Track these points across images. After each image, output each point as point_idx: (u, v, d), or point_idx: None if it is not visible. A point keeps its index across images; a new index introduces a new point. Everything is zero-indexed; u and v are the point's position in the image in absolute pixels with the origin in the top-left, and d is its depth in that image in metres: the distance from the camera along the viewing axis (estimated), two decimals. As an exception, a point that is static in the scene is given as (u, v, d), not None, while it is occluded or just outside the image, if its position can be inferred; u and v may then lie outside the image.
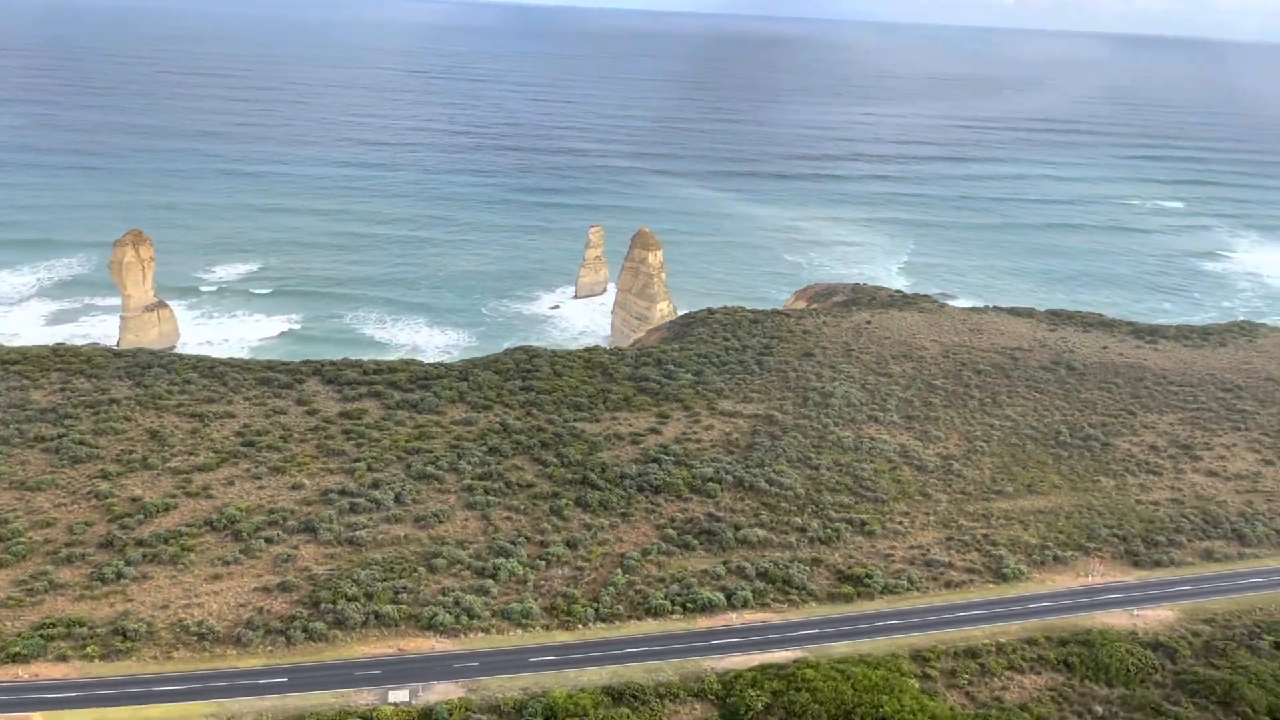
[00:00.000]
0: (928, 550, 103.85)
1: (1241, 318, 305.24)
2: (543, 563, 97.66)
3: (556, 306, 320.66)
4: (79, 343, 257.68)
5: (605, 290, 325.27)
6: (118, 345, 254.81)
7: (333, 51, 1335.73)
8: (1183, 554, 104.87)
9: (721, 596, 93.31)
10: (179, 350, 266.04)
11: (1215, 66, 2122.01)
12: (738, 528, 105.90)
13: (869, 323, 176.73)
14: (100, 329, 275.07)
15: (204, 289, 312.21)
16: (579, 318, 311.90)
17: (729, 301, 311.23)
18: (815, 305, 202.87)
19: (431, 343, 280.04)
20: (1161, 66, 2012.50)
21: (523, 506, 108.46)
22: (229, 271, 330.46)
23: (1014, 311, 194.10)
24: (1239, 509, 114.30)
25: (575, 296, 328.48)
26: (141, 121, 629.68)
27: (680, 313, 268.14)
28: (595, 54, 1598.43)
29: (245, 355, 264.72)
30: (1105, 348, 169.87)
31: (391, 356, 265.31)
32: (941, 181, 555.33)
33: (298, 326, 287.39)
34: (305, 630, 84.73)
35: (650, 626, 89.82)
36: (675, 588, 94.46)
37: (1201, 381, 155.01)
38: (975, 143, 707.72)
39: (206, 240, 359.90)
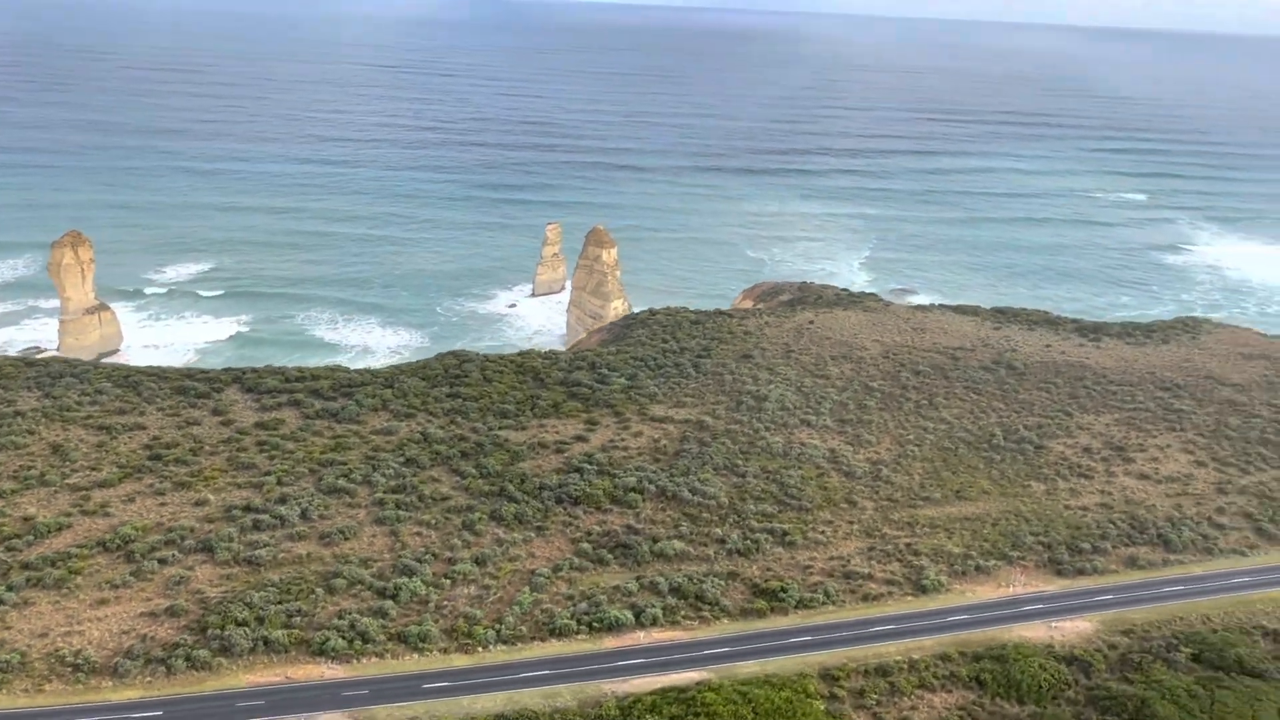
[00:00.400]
0: (848, 561, 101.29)
1: (1199, 312, 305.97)
2: (448, 581, 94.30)
3: (513, 305, 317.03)
4: (20, 347, 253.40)
5: (563, 288, 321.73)
6: (58, 349, 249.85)
7: (303, 46, 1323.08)
8: (1107, 561, 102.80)
9: (630, 615, 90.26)
10: (122, 353, 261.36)
11: (1187, 58, 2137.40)
12: (655, 540, 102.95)
13: (812, 323, 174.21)
14: (44, 333, 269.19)
15: (152, 290, 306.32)
16: (535, 316, 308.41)
17: (689, 299, 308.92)
18: (761, 305, 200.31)
19: (383, 343, 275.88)
20: (1133, 59, 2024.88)
21: (434, 521, 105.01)
22: (179, 272, 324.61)
23: (959, 309, 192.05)
24: (1167, 513, 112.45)
25: (533, 295, 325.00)
26: (101, 118, 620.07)
27: (636, 310, 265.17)
28: (569, 48, 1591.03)
29: (192, 358, 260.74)
30: (1048, 346, 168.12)
31: (342, 358, 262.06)
32: (908, 175, 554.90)
33: (247, 329, 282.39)
34: (188, 659, 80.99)
35: (554, 648, 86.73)
36: (583, 606, 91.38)
37: (1141, 380, 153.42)
38: (943, 136, 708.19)
39: (158, 240, 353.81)
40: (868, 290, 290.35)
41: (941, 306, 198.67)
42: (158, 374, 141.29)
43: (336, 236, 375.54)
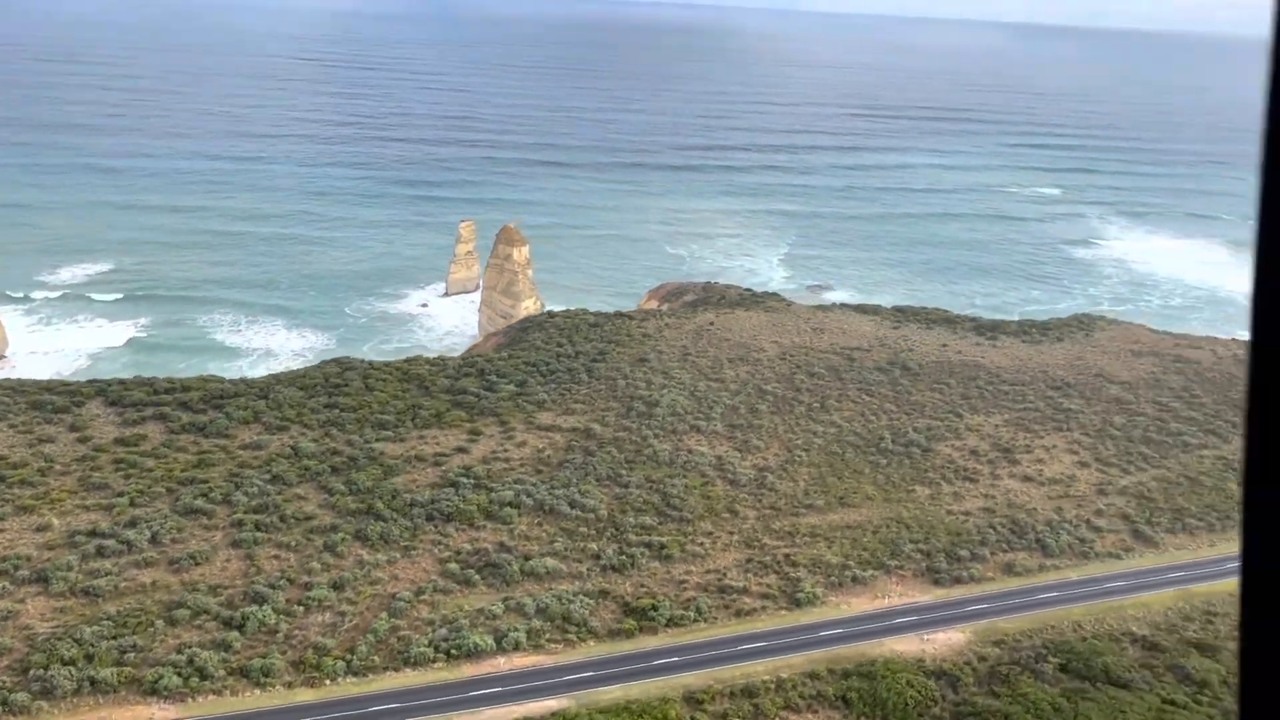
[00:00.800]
0: (724, 575, 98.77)
1: (1105, 305, 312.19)
2: (301, 609, 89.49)
3: (425, 305, 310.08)
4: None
5: (477, 287, 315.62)
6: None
7: (224, 37, 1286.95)
8: (984, 569, 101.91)
9: (491, 640, 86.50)
10: (8, 359, 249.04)
11: (1101, 54, 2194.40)
12: (527, 558, 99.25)
13: (712, 324, 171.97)
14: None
15: (42, 294, 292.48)
16: (448, 316, 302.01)
17: (607, 297, 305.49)
18: (665, 306, 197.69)
19: (287, 346, 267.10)
20: (1053, 55, 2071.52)
21: (295, 543, 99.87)
22: (74, 274, 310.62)
23: (860, 309, 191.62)
24: (1047, 517, 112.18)
25: (446, 294, 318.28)
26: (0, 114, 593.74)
27: (547, 309, 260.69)
28: (497, 41, 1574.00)
29: (84, 364, 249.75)
30: (944, 345, 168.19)
31: (243, 362, 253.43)
32: (829, 171, 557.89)
33: (144, 333, 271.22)
34: (4, 704, 75.17)
35: (408, 678, 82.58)
36: (443, 632, 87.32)
37: (1033, 379, 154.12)
38: (865, 132, 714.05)
39: (52, 241, 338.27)
40: (785, 287, 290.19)
41: (843, 306, 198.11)
42: (13, 388, 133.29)
43: (244, 236, 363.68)
